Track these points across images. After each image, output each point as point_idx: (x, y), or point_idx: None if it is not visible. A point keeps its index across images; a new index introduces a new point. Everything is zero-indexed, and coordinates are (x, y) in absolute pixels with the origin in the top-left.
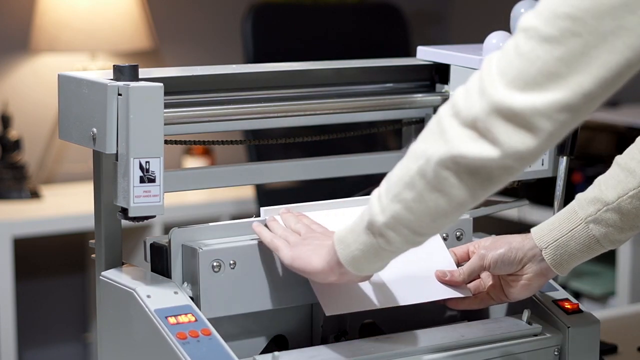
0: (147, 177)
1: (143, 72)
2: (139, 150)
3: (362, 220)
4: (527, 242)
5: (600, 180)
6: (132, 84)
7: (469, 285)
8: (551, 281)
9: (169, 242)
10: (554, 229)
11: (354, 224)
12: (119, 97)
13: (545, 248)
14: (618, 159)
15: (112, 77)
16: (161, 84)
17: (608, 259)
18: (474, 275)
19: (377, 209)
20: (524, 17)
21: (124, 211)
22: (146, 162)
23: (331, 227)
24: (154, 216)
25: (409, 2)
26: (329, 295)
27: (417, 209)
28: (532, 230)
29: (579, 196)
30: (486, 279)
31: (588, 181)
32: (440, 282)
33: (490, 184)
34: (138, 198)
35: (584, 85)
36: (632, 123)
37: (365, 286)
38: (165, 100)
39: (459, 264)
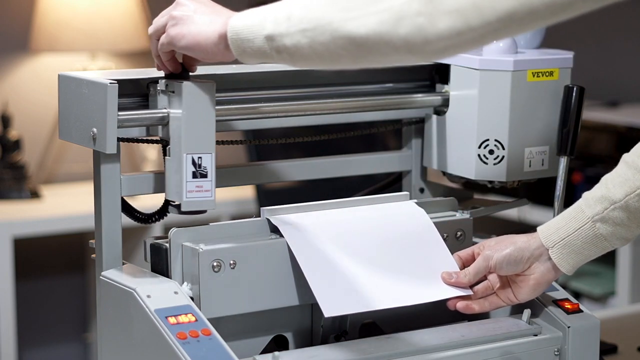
0: (199, 173)
1: (143, 72)
2: (191, 146)
3: (262, 25)
4: (533, 242)
5: (607, 179)
6: (185, 81)
7: (476, 287)
8: None
9: (169, 242)
10: (561, 227)
11: (253, 19)
12: (171, 94)
13: (552, 247)
14: (625, 156)
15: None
16: (213, 82)
17: (608, 259)
18: (480, 276)
19: (283, 29)
20: None
21: (177, 206)
22: (198, 157)
23: (332, 227)
24: (205, 211)
25: None
26: (327, 296)
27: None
28: (539, 229)
29: (586, 195)
30: (494, 281)
31: (588, 181)
32: (446, 283)
33: None
34: (190, 193)
35: None
36: (632, 123)
37: (365, 287)
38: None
39: (464, 266)
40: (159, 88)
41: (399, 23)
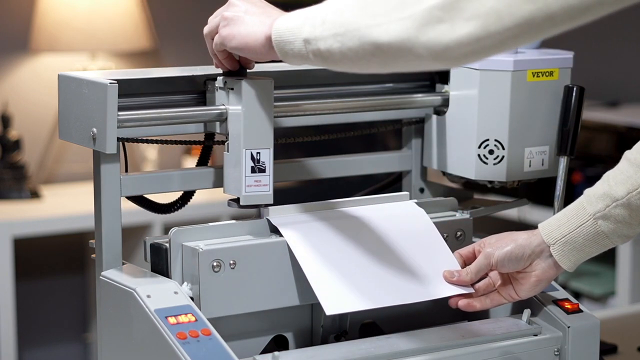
0: (257, 167)
1: (143, 72)
2: (250, 142)
3: (301, 29)
4: (534, 239)
5: (608, 176)
6: (244, 78)
7: (477, 284)
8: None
9: (169, 242)
10: (562, 225)
11: (294, 22)
12: (230, 90)
13: (554, 244)
14: (627, 154)
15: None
16: (271, 79)
17: (608, 259)
18: (481, 274)
19: (318, 33)
20: None
21: (236, 200)
22: (257, 152)
23: (332, 227)
24: (263, 205)
25: None
26: (329, 294)
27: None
28: (540, 226)
29: (587, 192)
30: (495, 278)
31: (588, 181)
32: (448, 282)
33: None
34: (249, 187)
35: None
36: (632, 123)
37: (366, 285)
38: (165, 100)
39: (465, 264)
40: (217, 85)
41: (420, 30)
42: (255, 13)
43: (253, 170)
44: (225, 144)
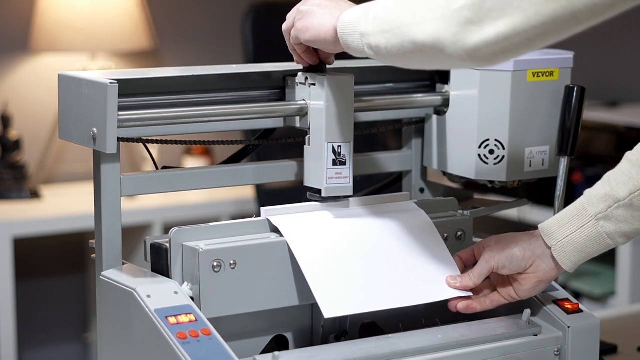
0: (338, 160)
1: (143, 72)
2: (332, 136)
3: (359, 23)
4: (534, 240)
5: (610, 176)
6: (326, 74)
7: (478, 286)
8: None
9: (169, 242)
10: (563, 226)
11: (355, 15)
12: (312, 86)
13: (555, 245)
14: (629, 154)
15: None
16: (352, 75)
17: (608, 259)
18: (483, 278)
19: (370, 28)
20: None
21: (318, 192)
22: (338, 146)
23: (332, 228)
24: (343, 197)
25: None
26: (327, 296)
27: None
28: (540, 227)
29: (588, 192)
30: (495, 279)
31: (588, 181)
32: (451, 287)
33: None
34: (331, 180)
35: None
36: (632, 123)
37: (365, 287)
38: (165, 100)
39: (465, 267)
40: (297, 81)
41: (451, 30)
42: (328, 6)
43: (334, 163)
44: (306, 137)
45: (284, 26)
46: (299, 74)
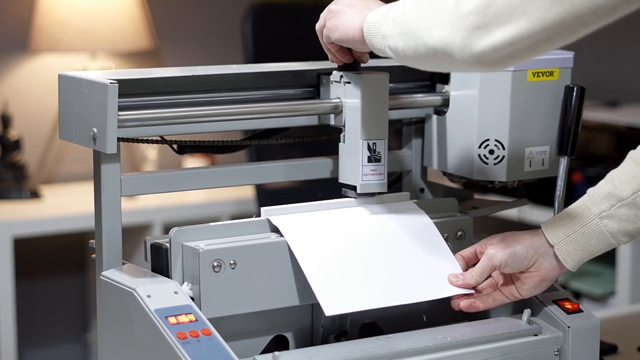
0: (374, 157)
1: (143, 72)
2: (367, 133)
3: (382, 24)
4: (537, 239)
5: (613, 175)
6: (361, 73)
7: (480, 285)
8: None
9: (169, 242)
10: (566, 225)
11: (380, 15)
12: (347, 84)
13: (557, 244)
14: (632, 153)
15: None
16: (387, 73)
17: (608, 259)
18: (486, 276)
19: (389, 30)
20: None
21: (353, 188)
22: (373, 143)
23: (332, 227)
24: (378, 193)
25: None
26: (328, 295)
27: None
28: (542, 225)
29: (591, 191)
30: (497, 278)
31: (588, 181)
32: (453, 285)
33: None
34: (366, 176)
35: None
36: (632, 123)
37: (366, 286)
38: (165, 99)
39: (467, 266)
40: (332, 79)
41: (459, 35)
42: (357, 5)
43: (369, 160)
44: (341, 134)
45: (317, 25)
46: (334, 72)
